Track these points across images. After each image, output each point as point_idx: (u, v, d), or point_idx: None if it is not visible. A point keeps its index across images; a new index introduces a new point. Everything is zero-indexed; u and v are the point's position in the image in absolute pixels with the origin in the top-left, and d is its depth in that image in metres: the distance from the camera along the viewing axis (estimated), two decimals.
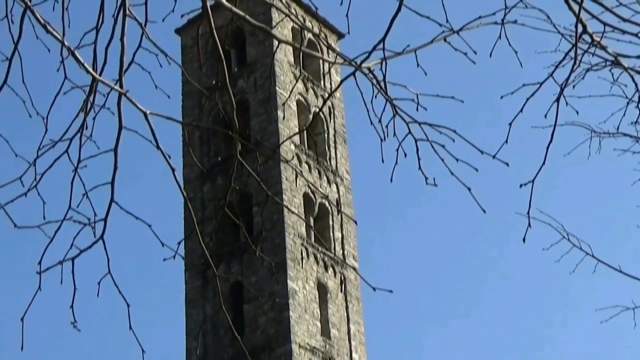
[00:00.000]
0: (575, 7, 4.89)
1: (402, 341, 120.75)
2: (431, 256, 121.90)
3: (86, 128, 5.26)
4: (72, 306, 5.54)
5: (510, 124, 5.78)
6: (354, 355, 50.35)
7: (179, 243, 5.89)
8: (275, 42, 49.87)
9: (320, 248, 51.35)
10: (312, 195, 52.14)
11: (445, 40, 5.42)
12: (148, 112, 5.12)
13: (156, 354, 48.19)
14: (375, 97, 5.45)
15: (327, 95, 54.16)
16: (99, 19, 5.13)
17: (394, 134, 5.51)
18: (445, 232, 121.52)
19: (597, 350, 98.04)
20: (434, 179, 5.62)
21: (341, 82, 6.92)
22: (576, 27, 4.95)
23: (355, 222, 54.51)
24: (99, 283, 5.47)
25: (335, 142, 54.20)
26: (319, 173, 52.79)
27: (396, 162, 5.57)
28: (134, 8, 5.08)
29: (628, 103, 8.37)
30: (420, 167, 5.57)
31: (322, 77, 53.96)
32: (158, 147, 5.25)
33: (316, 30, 49.54)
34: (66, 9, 5.19)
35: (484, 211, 5.85)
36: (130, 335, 5.75)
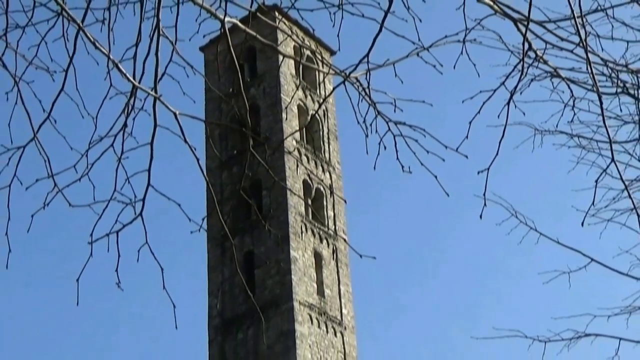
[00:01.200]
0: (522, 29, 4.88)
1: (382, 298, 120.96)
2: (407, 230, 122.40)
3: (127, 126, 5.25)
4: (116, 270, 5.55)
5: (469, 123, 5.78)
6: (343, 310, 50.38)
7: (202, 219, 5.88)
8: (280, 57, 49.85)
9: (316, 224, 51.36)
10: (310, 181, 52.15)
11: (417, 55, 5.42)
12: (178, 112, 5.12)
13: (184, 309, 48.26)
14: (361, 101, 5.46)
15: (321, 100, 54.13)
16: (138, 37, 5.12)
17: (376, 131, 5.53)
18: (417, 211, 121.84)
19: (540, 308, 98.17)
20: (409, 167, 5.63)
21: (333, 89, 6.93)
22: (523, 45, 4.94)
23: (345, 201, 54.36)
24: (138, 251, 5.46)
25: (328, 138, 54.20)
26: (316, 163, 52.78)
27: (378, 154, 5.58)
28: (166, 29, 5.07)
29: (564, 107, 8.36)
30: (397, 158, 5.57)
31: (317, 86, 53.95)
32: (185, 141, 5.24)
33: (313, 47, 49.37)
34: (111, 29, 5.18)
35: (447, 194, 5.87)
36: (164, 293, 5.75)
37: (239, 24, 5.28)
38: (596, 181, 8.66)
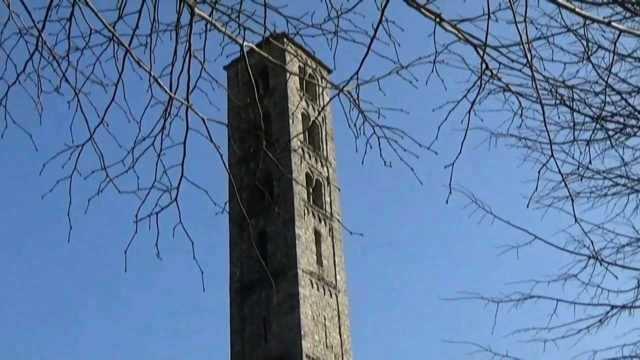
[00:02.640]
0: (481, 52, 4.87)
1: (368, 267, 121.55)
2: (389, 213, 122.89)
3: (165, 129, 5.25)
4: (156, 244, 5.54)
5: (438, 127, 5.78)
6: (337, 276, 50.42)
7: (225, 204, 5.88)
8: (288, 75, 49.80)
9: (316, 207, 51.35)
10: (311, 173, 52.17)
11: (397, 73, 5.41)
12: (205, 118, 5.11)
13: (210, 276, 48.29)
14: (352, 109, 5.46)
15: (320, 109, 54.08)
16: (173, 58, 5.11)
17: (364, 133, 5.52)
18: (396, 197, 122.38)
19: (494, 275, 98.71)
20: (390, 162, 5.63)
21: (329, 100, 6.93)
22: (481, 65, 4.93)
23: (339, 189, 54.35)
24: (173, 229, 5.46)
25: (326, 139, 54.18)
26: (316, 159, 52.78)
27: (365, 152, 5.58)
28: (196, 52, 5.07)
29: (514, 115, 8.34)
30: (381, 155, 5.57)
31: (317, 97, 53.92)
32: (212, 141, 5.24)
33: (314, 66, 49.38)
34: (152, 51, 5.17)
35: (422, 183, 5.87)
36: (194, 263, 5.76)
37: (255, 47, 5.26)
38: (539, 173, 8.65)
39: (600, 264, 10.08)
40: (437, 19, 4.84)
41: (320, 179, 52.90)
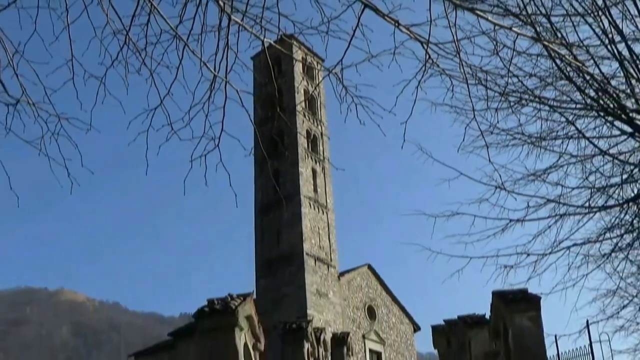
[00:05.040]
0: (425, 47, 4.90)
1: (349, 194, 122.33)
2: (363, 156, 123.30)
3: (211, 97, 5.30)
4: (204, 176, 5.61)
5: (396, 98, 5.79)
6: (327, 200, 50.50)
7: (251, 149, 5.94)
8: (294, 62, 49.35)
9: (313, 153, 51.21)
10: (310, 130, 51.93)
11: (369, 60, 5.44)
12: (238, 90, 5.19)
13: (240, 200, 48.63)
14: (338, 85, 5.49)
15: (316, 85, 53.45)
16: (216, 49, 5.15)
17: (346, 101, 5.56)
18: (367, 145, 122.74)
19: (435, 199, 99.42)
20: (364, 122, 5.65)
21: (322, 78, 6.98)
22: (425, 56, 4.99)
23: (329, 138, 54.23)
24: (216, 166, 5.53)
25: (320, 106, 53.75)
26: (313, 121, 52.46)
27: (347, 114, 5.58)
28: (232, 45, 5.12)
29: (447, 90, 8.41)
30: (357, 116, 5.61)
31: (314, 77, 52.95)
32: (243, 105, 5.31)
33: (312, 55, 49.01)
34: (202, 45, 5.21)
35: (385, 135, 5.94)
36: (230, 190, 5.84)
37: (272, 43, 5.31)
38: (464, 130, 8.74)
39: (504, 191, 10.22)
40: (396, 24, 4.90)
41: (316, 134, 52.76)
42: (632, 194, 9.79)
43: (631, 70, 8.76)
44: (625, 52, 8.75)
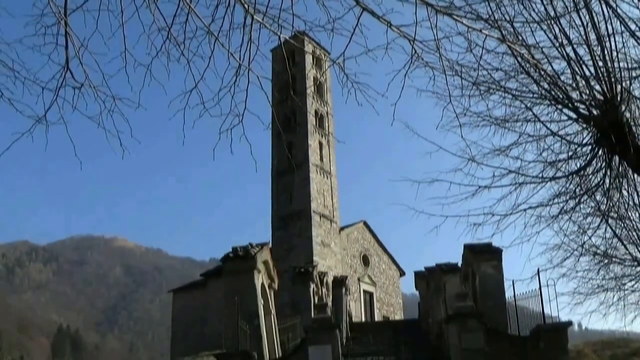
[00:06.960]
0: (412, 44, 4.91)
1: (349, 161, 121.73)
2: (361, 131, 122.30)
3: (237, 81, 5.33)
4: (230, 145, 5.64)
5: (388, 84, 5.82)
6: (331, 167, 50.44)
7: (269, 124, 5.94)
8: (306, 54, 48.89)
9: (320, 128, 51.06)
10: (318, 110, 51.64)
11: (366, 54, 5.46)
12: (259, 76, 5.22)
13: (260, 166, 48.54)
14: (340, 72, 5.52)
15: (323, 72, 52.96)
16: (241, 44, 5.18)
17: (347, 86, 5.57)
18: (364, 123, 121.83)
19: (417, 170, 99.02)
20: (361, 103, 5.67)
21: (328, 67, 6.97)
22: (412, 50, 4.99)
23: (332, 116, 53.93)
24: (239, 138, 5.57)
25: (326, 90, 53.33)
26: (320, 102, 52.15)
27: (347, 97, 5.57)
28: (254, 40, 5.14)
29: (429, 80, 8.41)
30: (356, 98, 5.62)
31: (322, 67, 52.22)
32: (262, 89, 5.35)
33: (320, 49, 48.47)
34: (230, 39, 5.22)
35: (378, 114, 5.95)
36: (251, 158, 5.86)
37: (287, 38, 5.33)
38: (442, 112, 8.75)
39: (474, 163, 10.27)
40: (388, 24, 4.92)
41: (323, 113, 52.45)
42: (576, 168, 9.89)
43: (576, 69, 8.90)
44: (572, 54, 8.88)
